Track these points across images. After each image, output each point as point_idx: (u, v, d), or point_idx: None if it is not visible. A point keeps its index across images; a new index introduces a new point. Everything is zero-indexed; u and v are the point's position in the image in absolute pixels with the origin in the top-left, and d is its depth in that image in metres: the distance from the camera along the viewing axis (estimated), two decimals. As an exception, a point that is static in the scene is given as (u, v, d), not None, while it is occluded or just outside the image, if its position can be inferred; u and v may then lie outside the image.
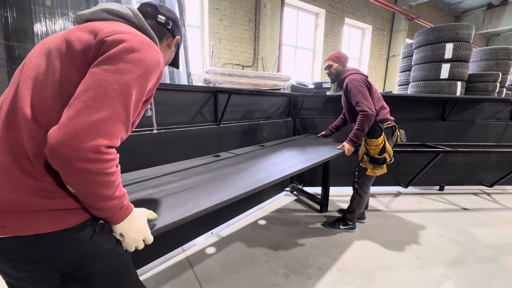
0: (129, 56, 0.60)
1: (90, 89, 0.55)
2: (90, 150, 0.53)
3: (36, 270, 0.59)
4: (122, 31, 0.64)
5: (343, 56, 2.23)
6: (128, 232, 0.68)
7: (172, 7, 3.65)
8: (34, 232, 0.56)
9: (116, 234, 0.69)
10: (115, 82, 0.57)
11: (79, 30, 0.66)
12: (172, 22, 0.86)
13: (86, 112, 0.53)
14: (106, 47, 0.60)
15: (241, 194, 1.20)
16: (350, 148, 2.10)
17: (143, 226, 0.72)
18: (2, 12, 2.60)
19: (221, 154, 2.03)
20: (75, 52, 0.62)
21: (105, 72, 0.56)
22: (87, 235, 0.63)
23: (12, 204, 0.54)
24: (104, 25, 0.67)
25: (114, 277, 0.70)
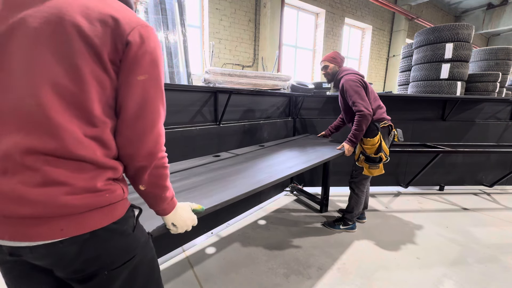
0: (153, 58, 0.62)
1: (139, 106, 0.62)
2: (162, 152, 0.68)
3: (88, 267, 0.61)
4: (131, 18, 0.60)
5: (339, 56, 2.24)
6: (179, 221, 0.81)
7: (171, 7, 3.65)
8: (91, 229, 0.58)
9: (168, 224, 0.81)
10: (156, 91, 0.64)
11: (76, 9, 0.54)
12: None
13: (150, 129, 0.64)
14: (130, 49, 0.58)
15: (241, 195, 1.20)
16: (350, 148, 2.12)
17: (190, 214, 0.87)
18: (2, 12, 2.60)
19: (221, 154, 2.03)
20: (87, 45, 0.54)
21: (144, 83, 0.61)
22: (130, 227, 0.67)
23: (68, 208, 0.55)
24: (100, 3, 0.57)
25: (150, 268, 0.74)
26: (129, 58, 0.59)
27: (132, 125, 0.62)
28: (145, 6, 3.47)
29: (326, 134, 2.66)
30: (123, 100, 0.61)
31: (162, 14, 3.58)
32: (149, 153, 0.65)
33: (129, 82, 0.60)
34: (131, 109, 0.61)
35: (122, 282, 0.66)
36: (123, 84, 0.60)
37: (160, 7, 3.57)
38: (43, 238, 0.54)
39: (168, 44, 3.63)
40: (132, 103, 0.61)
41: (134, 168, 0.67)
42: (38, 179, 0.52)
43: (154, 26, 3.54)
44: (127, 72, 0.59)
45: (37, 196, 0.52)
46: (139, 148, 0.64)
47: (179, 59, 3.70)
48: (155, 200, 0.74)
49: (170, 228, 0.82)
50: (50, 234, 0.55)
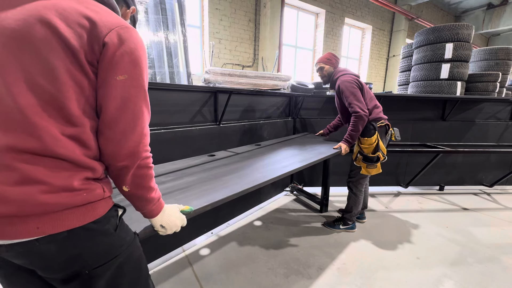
0: (134, 58, 0.63)
1: (119, 107, 0.62)
2: (146, 152, 0.68)
3: (68, 267, 0.61)
4: (110, 20, 0.61)
5: (333, 57, 2.25)
6: (167, 222, 0.82)
7: (171, 7, 3.65)
8: (68, 227, 0.58)
9: (157, 226, 0.80)
10: (136, 92, 0.64)
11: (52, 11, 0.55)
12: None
13: (131, 130, 0.64)
14: (107, 51, 0.59)
15: (233, 195, 1.19)
16: (346, 148, 2.14)
17: (179, 214, 0.89)
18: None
19: (216, 153, 2.03)
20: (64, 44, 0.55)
21: (123, 83, 0.61)
22: (112, 227, 0.66)
23: (45, 206, 0.55)
24: (76, 5, 0.58)
25: (136, 267, 0.73)
26: (106, 59, 0.59)
27: (112, 125, 0.62)
28: (145, 6, 3.47)
29: (325, 133, 2.67)
30: (102, 100, 0.61)
31: (162, 14, 3.58)
32: (131, 152, 0.64)
33: (108, 82, 0.60)
34: (111, 109, 0.61)
35: (107, 282, 0.66)
36: (102, 84, 0.61)
37: (160, 7, 3.57)
38: (19, 236, 0.54)
39: (168, 44, 3.63)
40: (111, 103, 0.61)
41: (116, 168, 0.66)
42: (15, 177, 0.53)
43: (154, 26, 3.54)
44: (105, 73, 0.60)
45: (15, 194, 0.52)
46: (120, 147, 0.63)
47: (179, 59, 3.70)
48: (141, 202, 0.73)
49: (159, 230, 0.82)
50: (26, 232, 0.55)
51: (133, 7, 0.84)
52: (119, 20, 0.63)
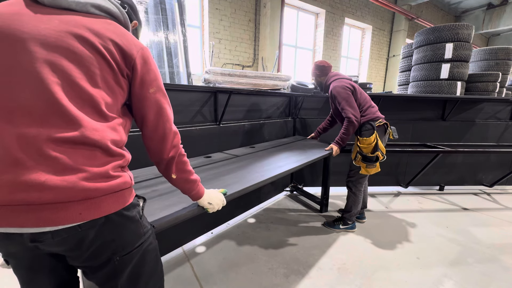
0: (155, 73, 0.75)
1: (156, 114, 0.76)
2: (180, 143, 0.83)
3: (102, 253, 0.66)
4: (135, 43, 0.72)
5: (323, 65, 2.31)
6: (213, 199, 1.00)
7: (171, 7, 3.65)
8: (105, 213, 0.63)
9: (205, 204, 0.97)
10: (163, 99, 0.77)
11: (88, 31, 0.63)
12: (128, 6, 0.86)
13: (169, 130, 0.79)
14: (137, 70, 0.71)
15: (234, 193, 1.22)
16: (337, 149, 2.24)
17: (217, 193, 1.04)
18: (2, 12, 2.60)
19: (212, 155, 2.07)
20: (102, 59, 0.65)
21: (155, 95, 0.75)
22: (138, 214, 0.73)
23: (86, 192, 0.59)
24: (106, 28, 0.67)
25: (155, 257, 0.79)
26: (138, 77, 0.71)
27: (155, 128, 0.76)
28: (145, 6, 3.47)
29: (315, 136, 2.77)
30: (143, 111, 0.75)
31: (162, 14, 3.58)
32: (173, 145, 0.79)
33: (144, 96, 0.74)
34: (152, 117, 0.75)
35: (132, 269, 0.71)
36: (139, 98, 0.74)
37: (160, 7, 3.57)
38: (64, 222, 0.58)
39: (168, 44, 3.63)
40: (151, 112, 0.75)
41: (165, 161, 0.80)
42: (59, 166, 0.57)
43: (154, 26, 3.54)
44: (139, 89, 0.73)
45: (58, 182, 0.56)
46: (165, 144, 0.78)
47: (179, 59, 3.70)
48: (187, 184, 0.88)
49: (208, 206, 0.99)
50: (71, 218, 0.59)
51: (135, 21, 0.90)
52: (139, 41, 0.74)
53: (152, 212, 0.98)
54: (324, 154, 2.14)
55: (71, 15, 0.64)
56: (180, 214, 0.97)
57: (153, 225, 0.83)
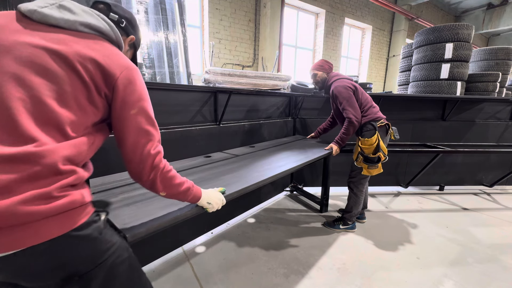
0: (140, 94, 0.74)
1: (136, 137, 0.74)
2: (162, 162, 0.79)
3: (56, 275, 0.61)
4: (120, 63, 0.71)
5: (326, 63, 2.31)
6: (212, 198, 1.00)
7: (171, 7, 3.65)
8: (47, 238, 0.57)
9: (204, 204, 0.97)
10: (146, 120, 0.75)
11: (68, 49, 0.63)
12: (126, 21, 0.87)
13: (147, 153, 0.75)
14: (119, 91, 0.71)
15: (233, 193, 1.22)
16: (337, 149, 2.24)
17: (216, 193, 1.04)
18: (2, 12, 2.60)
19: (212, 154, 2.07)
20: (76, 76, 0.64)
21: (136, 117, 0.73)
22: (96, 231, 0.67)
23: (22, 217, 0.54)
24: (90, 47, 0.67)
25: (129, 269, 0.74)
26: (119, 98, 0.71)
27: (133, 151, 0.74)
28: (145, 6, 3.47)
29: (315, 136, 2.77)
30: (121, 133, 0.73)
31: (162, 14, 3.58)
32: (153, 167, 0.76)
33: (124, 117, 0.72)
34: (131, 140, 0.73)
35: (101, 284, 0.67)
36: (119, 120, 0.73)
37: (160, 7, 3.57)
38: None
39: (168, 44, 3.63)
40: (130, 134, 0.73)
41: (147, 183, 0.78)
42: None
43: (154, 26, 3.54)
44: (119, 110, 0.72)
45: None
46: (144, 167, 0.75)
47: (179, 59, 3.70)
48: (180, 196, 0.87)
49: (207, 206, 0.99)
50: (5, 246, 0.53)
51: (132, 36, 0.90)
52: (126, 61, 0.74)
53: (152, 212, 0.98)
54: (324, 154, 2.13)
55: (58, 32, 0.65)
56: (180, 214, 0.97)
57: (125, 236, 0.79)
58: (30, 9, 0.64)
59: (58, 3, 0.68)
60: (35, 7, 0.64)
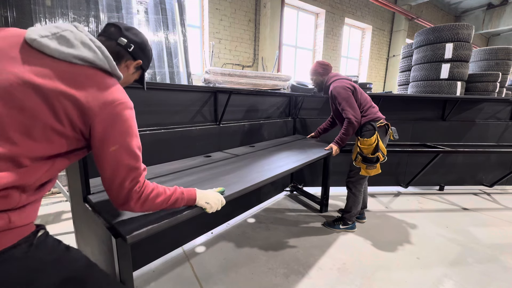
0: (124, 130, 0.74)
1: (113, 171, 0.75)
2: (139, 191, 0.80)
3: None
4: (106, 99, 0.71)
5: (320, 67, 2.30)
6: (210, 198, 1.01)
7: (171, 7, 3.65)
8: None
9: (202, 204, 0.99)
10: (126, 155, 0.76)
11: (51, 82, 0.64)
12: (134, 45, 0.88)
13: (124, 184, 0.77)
14: (98, 128, 0.71)
15: (233, 193, 1.22)
16: (337, 149, 2.23)
17: (214, 193, 1.05)
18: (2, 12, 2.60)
19: (212, 154, 2.08)
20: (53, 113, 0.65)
21: (115, 153, 0.74)
22: (21, 251, 0.63)
23: None
24: (75, 81, 0.68)
25: (78, 281, 0.70)
26: (98, 134, 0.71)
27: (110, 184, 0.76)
28: (145, 6, 3.48)
29: (315, 135, 2.77)
30: (100, 166, 0.75)
31: (162, 14, 3.58)
32: (128, 198, 0.78)
33: (102, 154, 0.73)
34: (108, 174, 0.75)
35: None
36: (97, 155, 0.74)
37: (160, 7, 3.57)
38: None
39: (168, 44, 3.64)
40: (107, 169, 0.75)
41: (129, 208, 0.81)
42: None
43: (154, 26, 3.55)
44: (98, 147, 0.73)
45: None
46: (119, 197, 0.78)
47: (179, 59, 3.70)
48: (173, 206, 0.90)
49: (205, 206, 1.00)
50: None
51: (139, 61, 0.92)
52: (115, 95, 0.74)
53: (151, 213, 0.98)
54: (324, 154, 2.13)
55: (49, 64, 0.66)
56: (180, 214, 0.97)
57: (67, 247, 0.73)
58: (31, 37, 0.66)
59: (59, 33, 0.70)
60: (36, 36, 0.67)
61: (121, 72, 0.87)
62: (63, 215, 2.47)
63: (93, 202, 1.09)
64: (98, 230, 1.04)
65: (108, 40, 0.83)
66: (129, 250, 0.92)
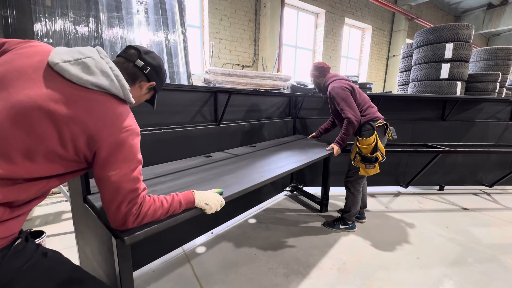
0: (126, 156, 0.76)
1: (111, 194, 0.76)
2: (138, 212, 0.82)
3: None
4: (115, 125, 0.74)
5: (318, 67, 2.31)
6: (209, 199, 1.02)
7: (171, 7, 3.65)
8: None
9: (201, 204, 1.00)
10: (126, 180, 0.76)
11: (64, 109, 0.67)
12: (150, 68, 0.92)
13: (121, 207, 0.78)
14: (101, 153, 0.73)
15: (233, 194, 1.22)
16: (338, 149, 2.23)
17: (213, 194, 1.07)
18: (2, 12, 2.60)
19: (212, 154, 2.07)
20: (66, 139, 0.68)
21: (114, 177, 0.75)
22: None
23: None
24: (88, 108, 0.70)
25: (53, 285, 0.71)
26: (100, 159, 0.73)
27: (108, 205, 0.78)
28: (145, 6, 3.48)
29: (317, 136, 2.76)
30: (99, 188, 0.77)
31: (162, 14, 3.58)
32: (125, 219, 0.79)
33: (102, 178, 0.75)
34: (106, 196, 0.77)
35: None
36: (97, 179, 0.76)
37: (160, 7, 3.57)
38: None
39: (168, 44, 3.64)
40: (106, 193, 0.77)
41: (127, 227, 0.82)
42: None
43: (154, 26, 3.54)
44: (99, 170, 0.74)
45: None
46: (117, 218, 0.79)
47: (179, 59, 3.70)
48: (174, 212, 0.93)
49: (205, 207, 1.01)
50: None
51: (152, 82, 0.96)
52: (124, 123, 0.77)
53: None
54: (325, 154, 2.13)
55: (66, 89, 0.69)
56: (178, 216, 0.97)
57: (45, 253, 0.73)
58: (54, 61, 0.69)
59: (82, 59, 0.73)
60: (59, 60, 0.70)
61: (134, 91, 0.92)
62: (63, 215, 2.47)
63: (93, 202, 1.09)
64: (98, 230, 1.04)
65: (127, 62, 0.88)
66: (129, 250, 0.92)
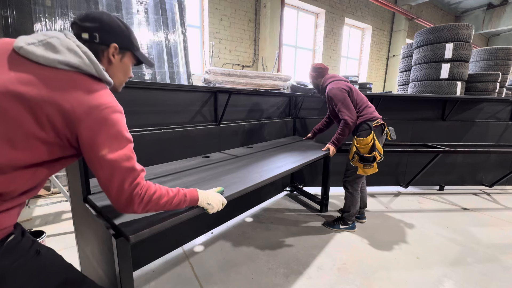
0: (112, 133, 0.72)
1: (109, 176, 0.74)
2: (141, 194, 0.79)
3: None
4: (92, 103, 0.69)
5: (316, 69, 2.32)
6: (211, 199, 1.01)
7: (171, 7, 3.66)
8: None
9: (204, 205, 1.00)
10: (118, 158, 0.73)
11: (34, 90, 0.64)
12: (96, 32, 0.77)
13: (122, 187, 0.76)
14: (86, 133, 0.69)
15: (233, 194, 1.22)
16: (334, 150, 2.25)
17: (215, 194, 1.06)
18: (2, 12, 2.60)
19: (212, 154, 2.08)
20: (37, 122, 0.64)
21: (106, 157, 0.72)
22: None
23: None
24: (61, 87, 0.67)
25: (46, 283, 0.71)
26: (86, 140, 0.70)
27: (107, 187, 0.75)
28: (145, 6, 3.48)
29: (311, 136, 2.78)
30: (94, 171, 0.74)
31: (162, 14, 3.58)
32: (129, 200, 0.77)
33: (93, 159, 0.72)
34: (103, 178, 0.74)
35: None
36: (89, 161, 0.73)
37: (160, 7, 3.57)
38: None
39: (168, 44, 3.64)
40: (102, 174, 0.74)
41: (128, 212, 0.80)
42: None
43: (154, 26, 3.55)
44: (88, 152, 0.71)
45: None
46: (120, 200, 0.77)
47: (179, 59, 3.70)
48: (173, 208, 0.90)
49: (207, 207, 1.00)
50: None
51: (113, 44, 0.81)
52: (101, 100, 0.71)
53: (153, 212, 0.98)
54: (322, 155, 2.15)
55: (34, 71, 0.66)
56: (182, 214, 0.97)
57: (38, 251, 0.72)
58: (18, 45, 0.66)
59: (46, 40, 0.69)
60: (23, 43, 0.66)
61: (108, 66, 0.82)
62: (63, 215, 2.47)
63: (93, 202, 1.09)
64: (98, 230, 1.04)
65: (80, 40, 0.75)
66: (129, 250, 0.92)
